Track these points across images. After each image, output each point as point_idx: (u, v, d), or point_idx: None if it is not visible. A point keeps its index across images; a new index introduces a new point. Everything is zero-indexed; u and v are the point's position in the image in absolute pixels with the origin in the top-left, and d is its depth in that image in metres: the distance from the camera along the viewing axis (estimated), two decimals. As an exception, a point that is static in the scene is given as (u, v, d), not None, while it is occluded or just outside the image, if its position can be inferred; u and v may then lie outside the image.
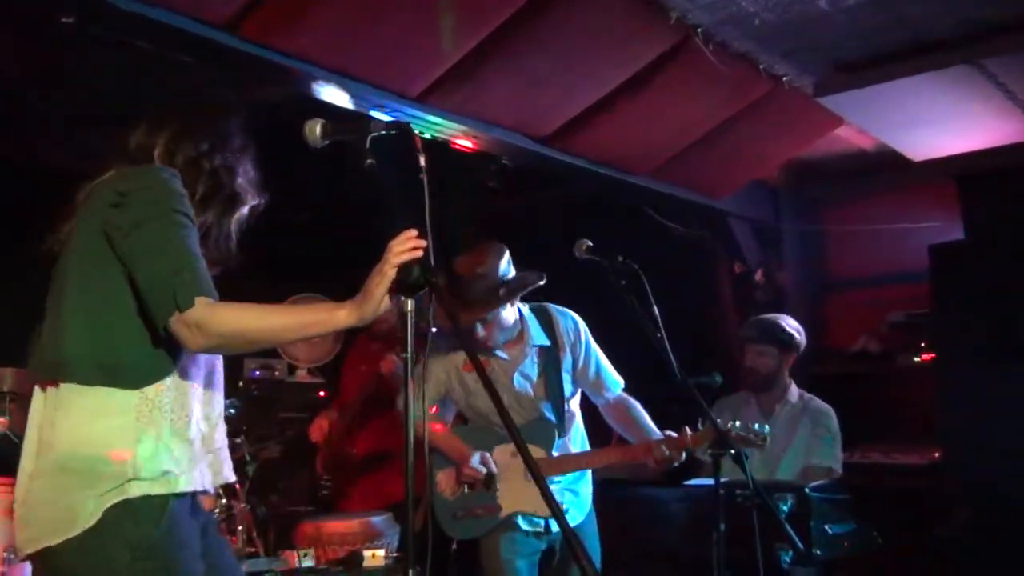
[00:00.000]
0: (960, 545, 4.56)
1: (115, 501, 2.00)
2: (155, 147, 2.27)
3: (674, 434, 3.52)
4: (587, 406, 3.92)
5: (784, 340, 4.60)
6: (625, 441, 3.80)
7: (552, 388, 3.65)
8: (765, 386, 4.64)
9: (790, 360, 4.66)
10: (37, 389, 2.16)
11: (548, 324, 3.70)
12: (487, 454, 3.62)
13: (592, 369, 3.74)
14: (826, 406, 4.61)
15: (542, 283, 3.53)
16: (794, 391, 4.66)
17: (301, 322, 2.13)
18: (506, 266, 3.57)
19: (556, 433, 3.60)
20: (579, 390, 3.79)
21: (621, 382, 3.80)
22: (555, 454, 3.60)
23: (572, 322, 3.75)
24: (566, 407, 3.68)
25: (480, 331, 3.52)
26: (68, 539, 1.97)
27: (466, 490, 3.61)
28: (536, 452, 3.50)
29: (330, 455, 4.76)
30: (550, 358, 3.66)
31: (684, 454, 3.49)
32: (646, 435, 3.65)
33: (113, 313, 2.10)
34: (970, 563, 4.50)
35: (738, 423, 3.45)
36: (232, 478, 2.29)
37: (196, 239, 2.13)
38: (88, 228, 2.15)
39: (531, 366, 3.66)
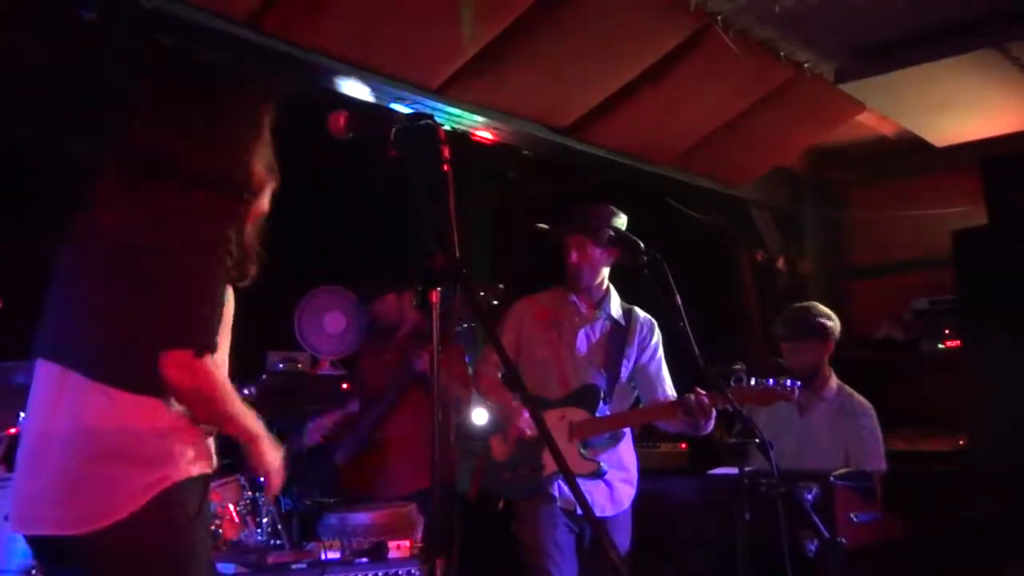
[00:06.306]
0: (986, 531, 4.54)
1: (168, 483, 2.13)
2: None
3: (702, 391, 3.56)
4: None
5: (818, 331, 4.36)
6: None
7: (610, 360, 3.77)
8: (805, 382, 4.13)
9: (828, 350, 4.41)
10: (55, 371, 2.19)
11: (628, 312, 3.86)
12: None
13: (653, 368, 3.83)
14: (865, 404, 4.37)
15: (641, 260, 3.56)
16: (832, 385, 4.42)
17: (247, 423, 2.27)
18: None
19: (601, 398, 3.69)
20: (634, 386, 3.85)
21: (674, 395, 3.82)
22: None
23: (649, 322, 3.88)
24: (617, 383, 3.76)
25: (573, 255, 3.72)
26: (120, 520, 2.06)
27: (517, 447, 3.70)
28: (580, 415, 3.66)
29: (353, 446, 4.70)
30: (617, 334, 3.80)
31: (713, 412, 3.53)
32: None
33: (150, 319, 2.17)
34: (996, 550, 4.48)
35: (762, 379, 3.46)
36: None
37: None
38: (147, 235, 2.19)
39: (598, 332, 3.80)
